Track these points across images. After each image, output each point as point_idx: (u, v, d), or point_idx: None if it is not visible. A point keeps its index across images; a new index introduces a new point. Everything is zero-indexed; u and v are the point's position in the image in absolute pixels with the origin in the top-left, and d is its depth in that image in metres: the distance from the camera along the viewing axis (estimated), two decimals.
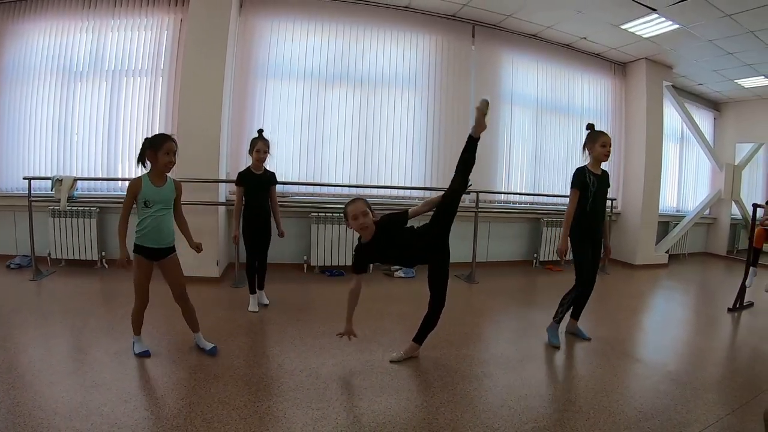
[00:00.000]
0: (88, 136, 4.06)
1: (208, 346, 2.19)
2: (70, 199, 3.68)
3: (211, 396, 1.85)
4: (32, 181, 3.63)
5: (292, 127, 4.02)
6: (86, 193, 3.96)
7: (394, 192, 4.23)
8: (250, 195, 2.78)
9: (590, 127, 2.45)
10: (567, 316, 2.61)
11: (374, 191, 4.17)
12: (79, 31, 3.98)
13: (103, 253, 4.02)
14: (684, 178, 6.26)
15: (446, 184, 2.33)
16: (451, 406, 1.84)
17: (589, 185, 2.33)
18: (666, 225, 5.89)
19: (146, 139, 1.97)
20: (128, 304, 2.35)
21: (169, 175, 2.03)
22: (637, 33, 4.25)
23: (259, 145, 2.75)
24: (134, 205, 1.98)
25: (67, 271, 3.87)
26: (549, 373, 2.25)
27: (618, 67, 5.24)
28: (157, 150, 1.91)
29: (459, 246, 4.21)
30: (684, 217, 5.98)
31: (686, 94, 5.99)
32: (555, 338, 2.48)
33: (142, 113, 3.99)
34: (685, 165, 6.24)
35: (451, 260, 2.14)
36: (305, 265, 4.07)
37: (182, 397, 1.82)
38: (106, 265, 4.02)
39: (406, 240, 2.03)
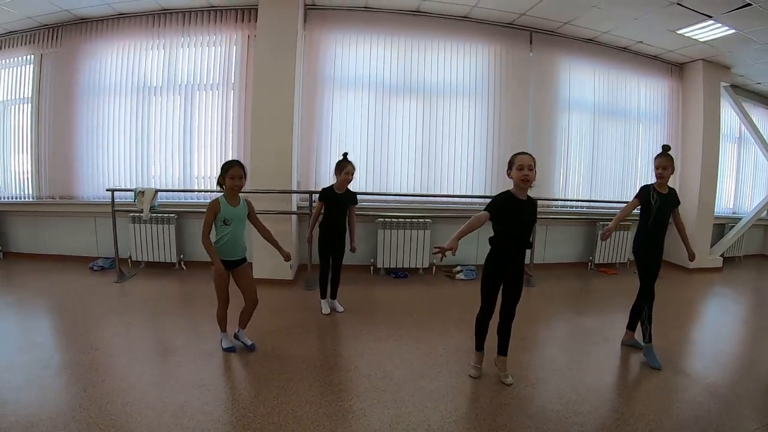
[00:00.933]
0: (165, 148, 4.33)
1: (249, 342, 2.45)
2: (152, 209, 3.93)
3: (299, 396, 2.03)
4: (116, 191, 3.90)
5: (358, 136, 4.18)
6: (165, 200, 4.23)
7: (457, 200, 4.33)
8: (330, 211, 2.95)
9: (664, 148, 2.45)
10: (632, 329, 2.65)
11: (436, 199, 4.29)
12: (151, 48, 4.24)
13: (182, 256, 4.32)
14: (741, 179, 6.05)
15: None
16: (507, 408, 1.98)
17: (652, 202, 2.40)
18: (722, 227, 5.73)
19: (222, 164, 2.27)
20: (209, 304, 2.57)
21: (240, 194, 2.30)
22: (693, 37, 4.17)
23: (349, 168, 2.90)
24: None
25: (148, 272, 4.17)
26: (597, 380, 2.29)
27: (675, 68, 5.12)
28: (225, 175, 2.20)
29: None
30: (740, 219, 5.80)
31: (744, 92, 5.75)
32: (655, 360, 2.39)
33: (216, 126, 4.22)
34: (742, 165, 6.03)
35: None
36: (372, 267, 4.26)
37: (274, 396, 2.01)
38: (184, 267, 4.31)
39: (532, 227, 2.11)
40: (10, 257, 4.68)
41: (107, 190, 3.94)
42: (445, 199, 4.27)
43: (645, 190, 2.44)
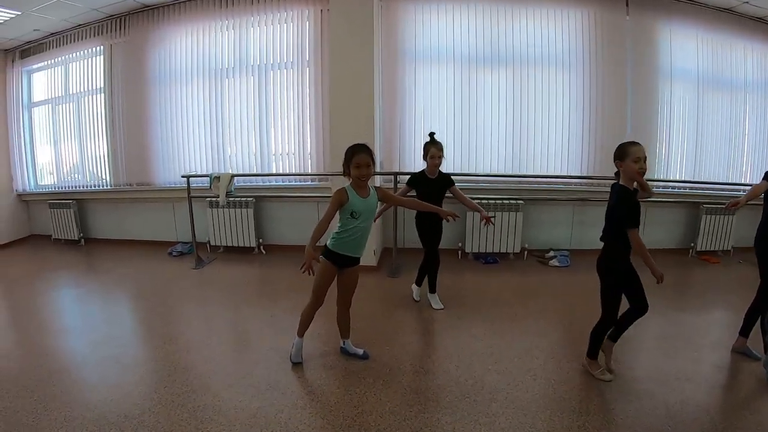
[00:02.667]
0: (240, 132, 4.29)
1: (360, 351, 2.21)
2: (229, 194, 3.89)
3: (381, 404, 1.84)
4: (192, 177, 3.87)
5: (443, 112, 3.94)
6: (242, 184, 4.20)
7: (551, 180, 4.02)
8: (423, 198, 2.68)
9: None
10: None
11: (528, 179, 4.01)
12: (220, 30, 4.16)
13: (261, 240, 4.29)
14: None
15: (604, 172, 2.13)
16: (608, 426, 1.71)
17: None
18: None
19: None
20: (290, 293, 2.48)
21: (369, 184, 1.99)
22: None
23: (433, 151, 2.63)
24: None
25: (227, 257, 4.17)
26: (707, 395, 1.95)
27: None
28: (348, 163, 1.92)
29: (593, 232, 3.94)
30: None
31: None
32: None
33: (291, 106, 4.11)
34: None
35: (591, 246, 2.15)
36: (459, 252, 4.06)
37: (354, 405, 1.83)
38: (264, 251, 4.29)
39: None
40: (92, 243, 4.84)
41: (182, 176, 3.93)
42: (538, 179, 3.98)
43: None
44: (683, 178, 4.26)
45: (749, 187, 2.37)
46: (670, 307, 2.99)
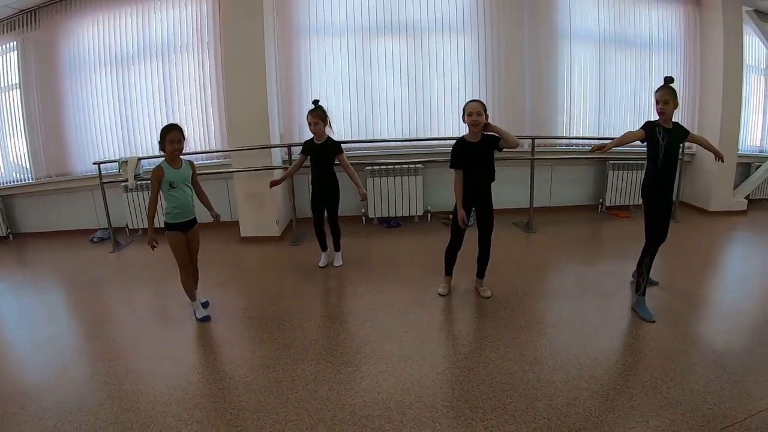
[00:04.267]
0: (147, 116, 4.29)
1: (203, 299, 2.46)
2: (137, 177, 3.92)
3: (254, 358, 1.94)
4: (102, 164, 3.92)
5: (341, 83, 3.97)
6: (151, 167, 4.20)
7: (449, 143, 4.07)
8: (313, 164, 2.83)
9: (666, 80, 2.27)
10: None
11: (427, 144, 4.07)
12: (125, 17, 4.16)
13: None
14: None
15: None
16: (477, 368, 1.81)
17: (659, 139, 2.19)
18: (747, 167, 5.27)
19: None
20: (202, 267, 2.52)
21: (182, 157, 2.28)
22: None
23: (309, 119, 2.74)
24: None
25: (144, 239, 4.19)
26: (587, 335, 2.07)
27: None
28: (164, 140, 2.16)
29: (516, 192, 4.06)
30: None
31: None
32: (647, 312, 2.26)
33: (194, 88, 4.13)
34: None
35: (510, 206, 2.62)
36: (363, 218, 4.13)
37: (231, 361, 1.94)
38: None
39: (486, 163, 2.27)
40: (21, 238, 4.81)
41: (93, 163, 3.96)
42: (436, 142, 4.03)
43: (650, 125, 2.24)
44: (587, 135, 4.34)
45: None
46: (573, 260, 3.15)
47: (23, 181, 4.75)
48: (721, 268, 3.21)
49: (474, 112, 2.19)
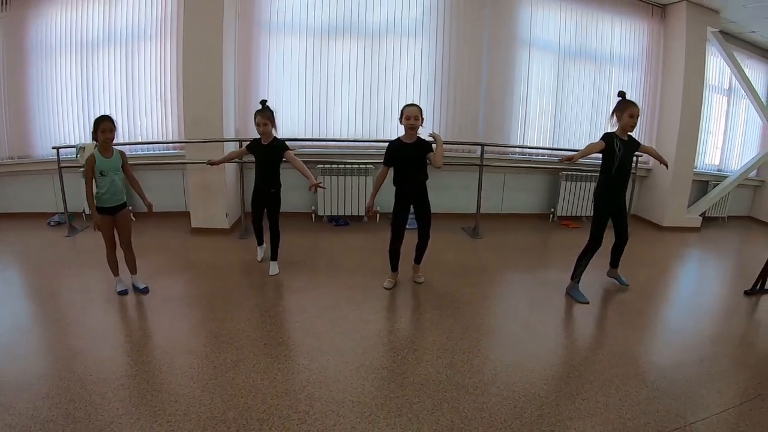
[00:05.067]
0: (108, 102, 4.28)
1: (142, 285, 2.56)
2: None
3: (178, 342, 2.03)
4: (62, 149, 3.92)
5: (298, 81, 4.01)
6: None
7: None
8: (258, 163, 2.82)
9: (622, 94, 2.48)
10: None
11: (383, 145, 4.12)
12: (92, 3, 4.14)
13: (131, 207, 4.30)
14: (730, 135, 5.65)
15: (454, 137, 3.08)
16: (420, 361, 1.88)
17: (616, 151, 2.39)
18: (705, 185, 5.40)
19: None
20: (148, 253, 2.66)
21: (114, 147, 2.42)
22: None
23: (257, 120, 2.70)
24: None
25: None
26: (509, 342, 2.14)
27: (657, 9, 4.70)
28: (96, 130, 2.30)
29: (467, 197, 4.12)
30: (726, 177, 5.44)
31: (738, 41, 5.30)
32: (579, 295, 2.57)
33: (155, 78, 4.13)
34: (731, 120, 5.61)
35: (460, 211, 2.85)
36: (313, 215, 4.17)
37: (151, 338, 2.07)
38: (134, 218, 4.30)
39: (423, 166, 2.44)
40: None
41: (53, 147, 3.96)
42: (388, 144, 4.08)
43: (609, 137, 2.43)
44: (541, 145, 4.42)
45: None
46: (520, 267, 3.24)
47: None
48: (665, 284, 3.22)
49: (412, 116, 2.34)
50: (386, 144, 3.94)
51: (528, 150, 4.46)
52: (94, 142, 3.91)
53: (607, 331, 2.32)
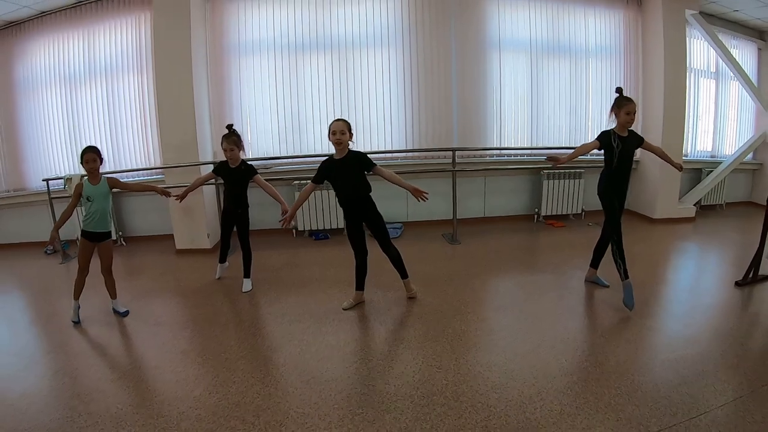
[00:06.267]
0: (93, 134, 4.42)
1: (122, 309, 2.66)
2: None
3: (149, 355, 2.13)
4: (52, 181, 4.11)
5: (271, 100, 4.07)
6: None
7: (377, 156, 4.13)
8: (226, 185, 2.86)
9: (619, 91, 2.45)
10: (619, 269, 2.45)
11: None
12: (73, 40, 4.31)
13: (120, 233, 4.45)
14: (721, 120, 5.49)
15: (430, 144, 3.09)
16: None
17: (614, 146, 2.39)
18: (698, 172, 5.25)
19: None
20: (139, 277, 2.83)
21: (104, 175, 2.56)
22: None
23: (224, 145, 2.72)
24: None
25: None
26: (461, 351, 2.07)
27: None
28: (81, 160, 2.45)
29: (447, 203, 4.10)
30: (720, 163, 5.28)
31: (723, 22, 5.16)
32: (630, 299, 2.39)
33: (135, 107, 4.26)
34: (721, 105, 5.46)
35: (442, 217, 2.73)
36: (294, 231, 4.22)
37: (129, 354, 2.20)
38: (124, 243, 4.45)
39: (359, 182, 2.36)
40: None
41: (43, 180, 4.15)
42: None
43: (606, 135, 2.41)
44: (519, 145, 4.37)
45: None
46: (499, 273, 3.19)
47: None
48: (654, 281, 2.98)
49: (338, 130, 2.28)
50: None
51: (506, 151, 4.42)
52: (80, 173, 4.13)
53: (595, 330, 2.28)
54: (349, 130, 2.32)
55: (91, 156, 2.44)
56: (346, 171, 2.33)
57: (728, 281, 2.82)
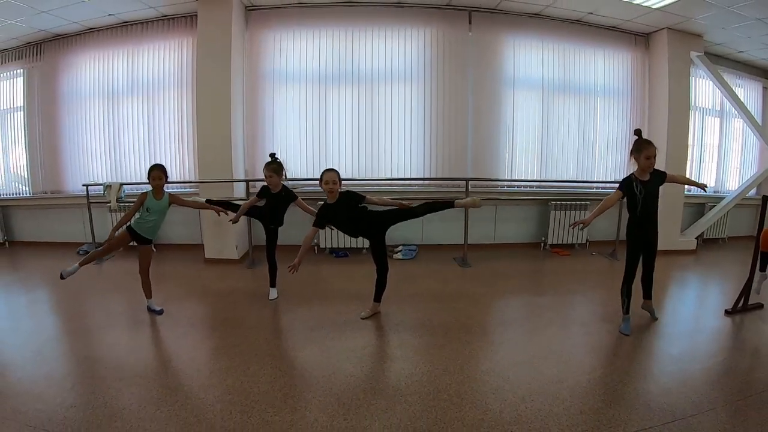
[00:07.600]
0: (132, 146, 4.76)
1: (158, 308, 2.87)
2: (119, 200, 4.43)
3: (181, 353, 2.34)
4: (91, 186, 4.44)
5: (300, 126, 4.39)
6: (133, 192, 4.66)
7: (396, 183, 4.47)
8: (267, 208, 3.04)
9: (638, 133, 2.50)
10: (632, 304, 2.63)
11: (377, 183, 4.44)
12: (117, 57, 4.68)
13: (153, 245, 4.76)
14: (724, 156, 5.70)
15: (445, 174, 3.24)
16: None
17: (636, 193, 2.44)
18: (702, 207, 5.44)
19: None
20: (166, 283, 2.99)
21: (166, 190, 2.81)
22: (644, 5, 3.99)
23: (265, 172, 2.93)
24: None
25: (124, 254, 4.55)
26: (448, 372, 2.13)
27: (639, 38, 4.88)
28: (149, 177, 2.73)
29: (459, 228, 4.35)
30: (723, 198, 5.48)
31: (729, 62, 5.40)
32: (626, 329, 2.57)
33: (174, 124, 4.60)
34: (725, 142, 5.67)
35: (453, 242, 3.07)
36: (315, 248, 4.50)
37: (163, 350, 2.42)
38: (154, 249, 4.67)
39: (356, 215, 2.61)
40: (15, 245, 5.32)
41: (83, 185, 4.48)
42: (384, 181, 4.40)
43: (628, 183, 2.45)
44: (530, 178, 4.62)
45: (599, 184, 2.59)
46: (507, 295, 3.37)
47: (22, 195, 5.28)
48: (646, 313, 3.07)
49: (330, 180, 2.52)
50: (381, 182, 4.42)
51: (517, 182, 4.67)
52: (119, 182, 4.45)
53: (586, 346, 2.42)
54: (339, 180, 2.57)
55: (157, 173, 2.71)
56: (342, 210, 2.57)
57: (719, 309, 2.98)
